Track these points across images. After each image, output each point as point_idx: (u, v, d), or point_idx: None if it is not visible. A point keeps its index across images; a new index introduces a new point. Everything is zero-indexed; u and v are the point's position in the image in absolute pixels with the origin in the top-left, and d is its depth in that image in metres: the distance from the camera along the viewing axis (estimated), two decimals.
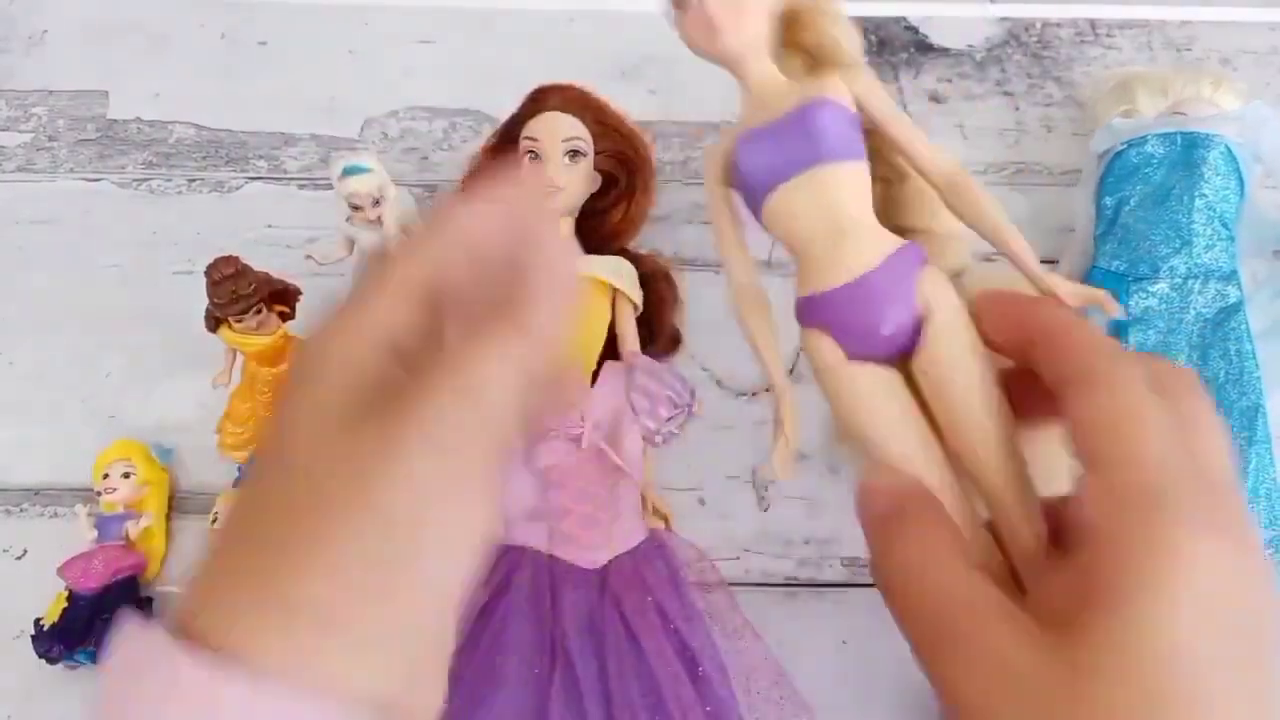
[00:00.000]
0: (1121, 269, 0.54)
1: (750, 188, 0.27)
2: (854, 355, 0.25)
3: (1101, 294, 0.25)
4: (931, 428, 0.25)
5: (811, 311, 0.26)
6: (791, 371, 0.58)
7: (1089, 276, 0.56)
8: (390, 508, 0.18)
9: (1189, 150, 0.54)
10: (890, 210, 0.29)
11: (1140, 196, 0.55)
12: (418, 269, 0.22)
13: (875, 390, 0.25)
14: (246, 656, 0.17)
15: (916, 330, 0.25)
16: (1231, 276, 0.53)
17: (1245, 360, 0.51)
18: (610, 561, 0.48)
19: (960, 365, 0.24)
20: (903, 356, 0.25)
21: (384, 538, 0.18)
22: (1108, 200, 0.56)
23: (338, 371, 0.20)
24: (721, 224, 0.29)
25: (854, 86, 0.27)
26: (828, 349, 0.25)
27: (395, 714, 0.18)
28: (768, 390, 0.43)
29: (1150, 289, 0.54)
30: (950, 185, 0.27)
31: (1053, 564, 0.21)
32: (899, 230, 0.27)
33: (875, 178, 0.28)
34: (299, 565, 0.17)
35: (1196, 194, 0.53)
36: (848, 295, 0.25)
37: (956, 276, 0.28)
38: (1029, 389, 0.24)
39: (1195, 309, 0.53)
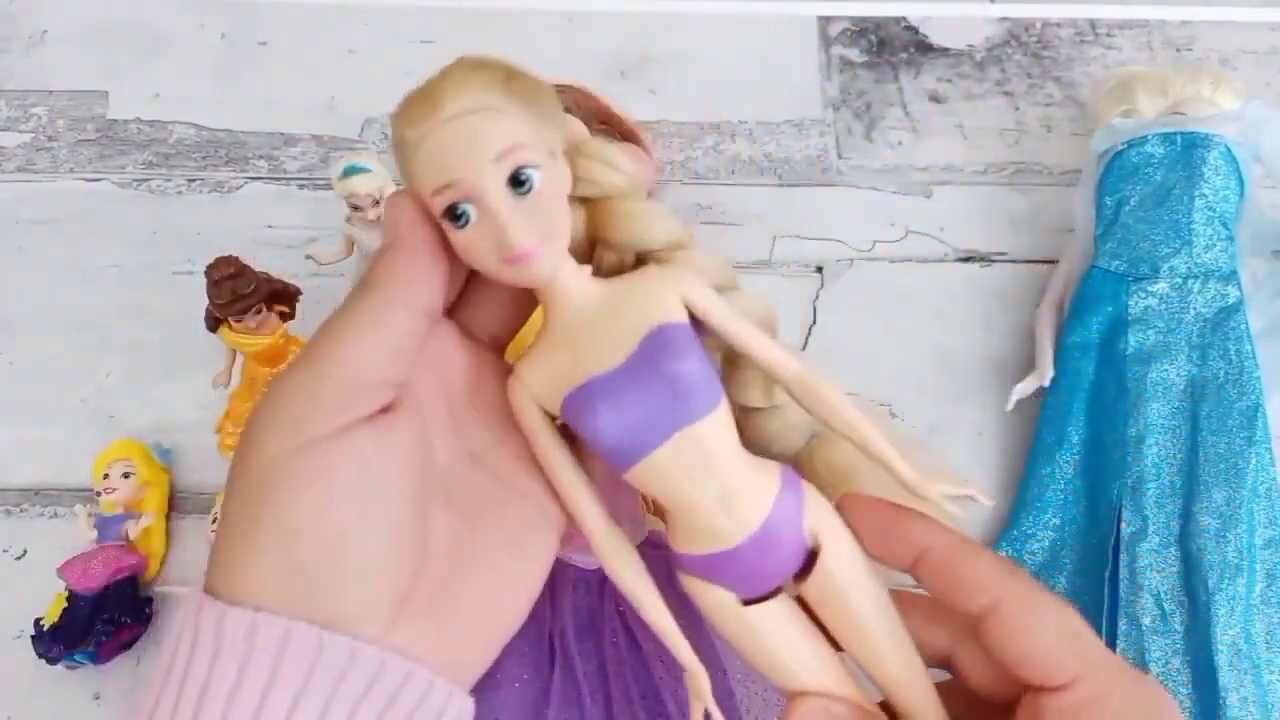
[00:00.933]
0: (1121, 269, 0.55)
1: (608, 452, 0.23)
2: (748, 597, 0.24)
3: (971, 488, 0.24)
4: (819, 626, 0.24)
5: (703, 569, 0.24)
6: None
7: (1089, 276, 0.56)
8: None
9: (1189, 150, 0.54)
10: (731, 390, 0.26)
11: (1140, 196, 0.55)
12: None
13: (776, 627, 0.24)
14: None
15: (805, 555, 0.24)
16: (1231, 276, 0.53)
17: (1245, 360, 0.51)
18: None
19: (858, 586, 0.24)
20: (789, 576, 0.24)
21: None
22: (1108, 200, 0.56)
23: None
24: (556, 466, 0.25)
25: (687, 292, 0.24)
26: (721, 599, 0.24)
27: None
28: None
29: (1150, 289, 0.54)
30: (801, 388, 0.25)
31: None
32: (743, 411, 0.26)
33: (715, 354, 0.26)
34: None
35: (1196, 194, 0.53)
36: (747, 551, 0.23)
37: (809, 454, 0.27)
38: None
39: (1195, 309, 0.53)
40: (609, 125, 0.55)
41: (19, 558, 0.54)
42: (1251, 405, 0.50)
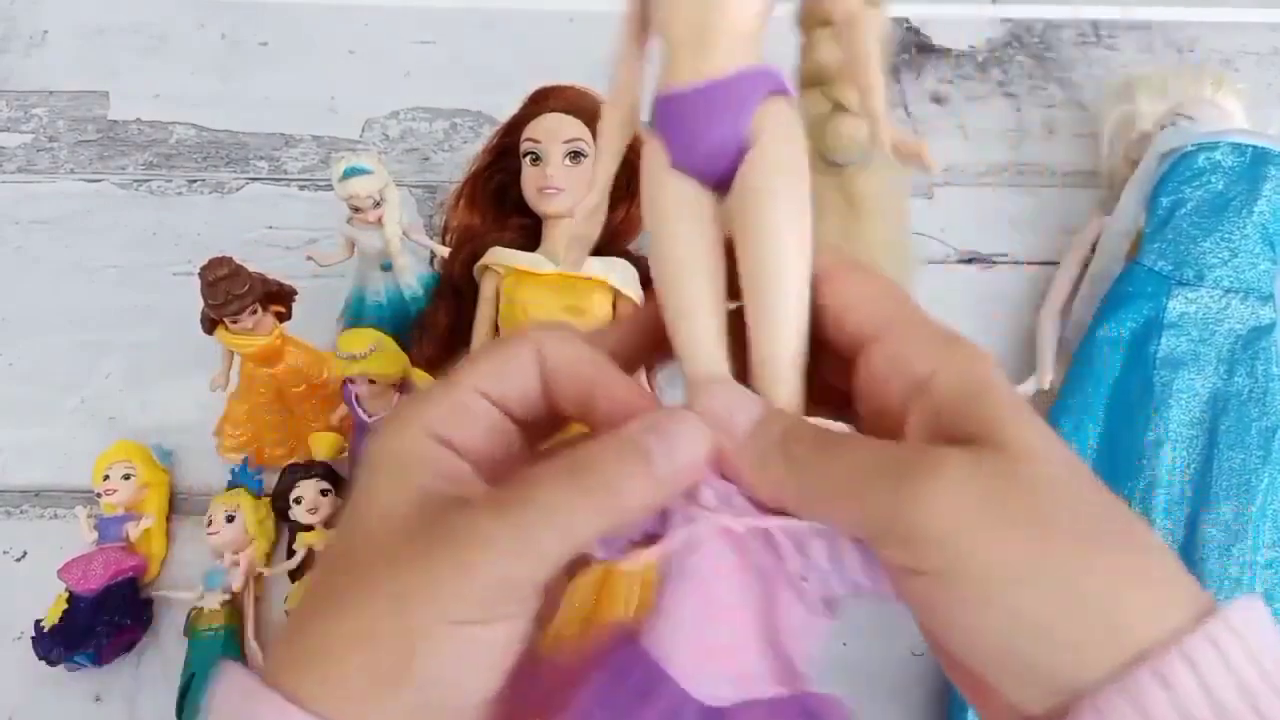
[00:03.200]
0: (1166, 270, 0.53)
1: None
2: (676, 165, 0.23)
3: (925, 151, 0.25)
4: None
5: (653, 112, 0.24)
6: None
7: (1130, 272, 0.55)
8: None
9: (1257, 165, 0.53)
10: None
11: (1197, 201, 0.54)
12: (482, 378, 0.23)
13: (678, 201, 0.23)
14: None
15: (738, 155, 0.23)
16: (1269, 298, 0.52)
17: (1270, 382, 0.51)
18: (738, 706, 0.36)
19: (769, 199, 0.22)
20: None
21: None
22: (1164, 200, 0.55)
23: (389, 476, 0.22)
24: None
25: None
26: (655, 153, 0.24)
27: None
28: None
29: (1191, 295, 0.53)
30: (849, 26, 0.26)
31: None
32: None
33: None
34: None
35: (1255, 210, 0.53)
36: (684, 102, 0.23)
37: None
38: None
39: (1230, 323, 0.52)
40: None
41: (19, 559, 0.54)
42: (1271, 426, 0.50)
